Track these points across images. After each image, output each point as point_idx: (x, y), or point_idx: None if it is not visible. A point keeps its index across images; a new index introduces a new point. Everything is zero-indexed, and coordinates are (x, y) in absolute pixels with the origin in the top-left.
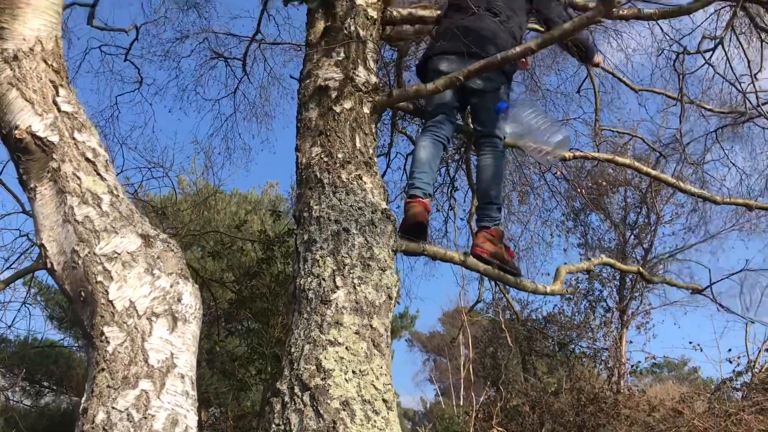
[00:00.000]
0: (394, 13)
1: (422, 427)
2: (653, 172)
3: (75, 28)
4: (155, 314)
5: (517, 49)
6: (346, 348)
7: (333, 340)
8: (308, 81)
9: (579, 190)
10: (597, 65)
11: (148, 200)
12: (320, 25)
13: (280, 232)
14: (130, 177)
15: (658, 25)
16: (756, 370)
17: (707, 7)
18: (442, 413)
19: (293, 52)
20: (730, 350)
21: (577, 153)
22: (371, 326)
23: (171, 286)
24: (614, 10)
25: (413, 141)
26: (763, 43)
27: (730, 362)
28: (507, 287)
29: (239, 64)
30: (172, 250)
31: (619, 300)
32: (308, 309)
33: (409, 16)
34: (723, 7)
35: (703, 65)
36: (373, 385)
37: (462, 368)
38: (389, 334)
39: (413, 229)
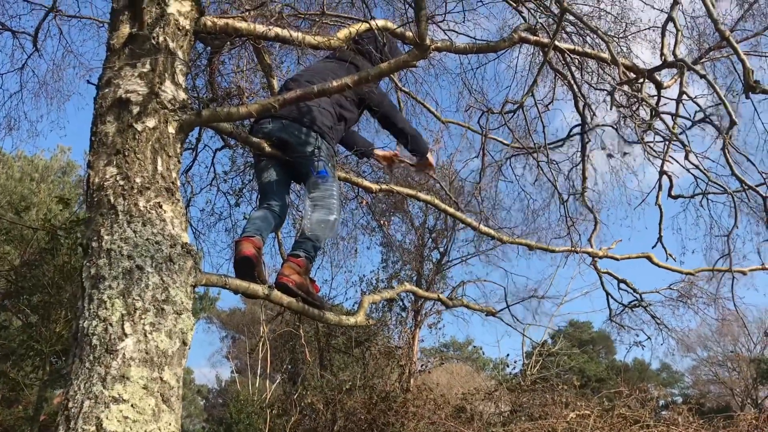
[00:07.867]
0: (209, 22)
1: (217, 404)
2: (450, 210)
3: None
4: None
5: (334, 83)
6: (132, 405)
7: (117, 396)
8: (107, 90)
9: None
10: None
11: None
12: (125, 30)
13: (67, 221)
14: None
15: (467, 86)
16: (528, 373)
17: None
18: (237, 394)
19: (95, 28)
20: (508, 355)
21: (383, 186)
22: (161, 379)
23: None
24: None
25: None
26: (558, 80)
27: (508, 366)
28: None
29: (29, 38)
30: None
31: (414, 300)
32: (91, 358)
33: (225, 27)
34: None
35: (503, 125)
36: None
37: (260, 349)
38: (181, 384)
39: (242, 264)
